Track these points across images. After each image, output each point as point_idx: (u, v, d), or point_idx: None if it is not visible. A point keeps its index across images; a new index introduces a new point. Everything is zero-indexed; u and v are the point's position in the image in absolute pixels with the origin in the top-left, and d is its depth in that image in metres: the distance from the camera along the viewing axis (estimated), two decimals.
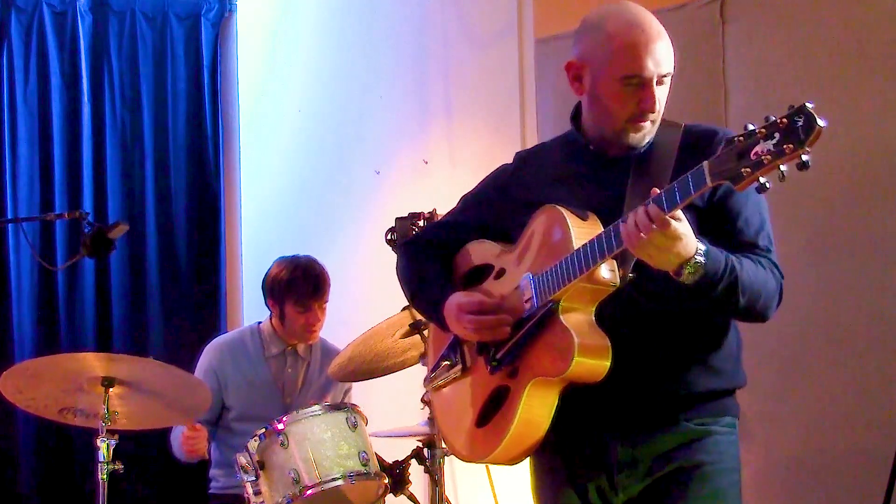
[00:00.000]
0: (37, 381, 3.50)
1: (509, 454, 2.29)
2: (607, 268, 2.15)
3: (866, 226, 3.68)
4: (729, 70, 3.93)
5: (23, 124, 5.47)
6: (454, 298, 2.40)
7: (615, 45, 2.26)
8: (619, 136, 2.32)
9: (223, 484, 4.12)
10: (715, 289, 2.13)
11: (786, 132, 1.87)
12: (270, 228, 5.86)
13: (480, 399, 2.37)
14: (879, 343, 3.63)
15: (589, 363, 2.16)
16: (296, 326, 4.14)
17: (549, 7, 4.61)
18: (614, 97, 2.28)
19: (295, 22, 5.96)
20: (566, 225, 2.22)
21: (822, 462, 3.72)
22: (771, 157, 1.87)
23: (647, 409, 2.28)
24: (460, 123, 5.00)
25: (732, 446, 2.35)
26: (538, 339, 2.25)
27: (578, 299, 2.20)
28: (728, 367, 2.35)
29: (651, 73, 2.24)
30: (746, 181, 1.91)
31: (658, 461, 2.28)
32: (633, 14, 2.29)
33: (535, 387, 2.22)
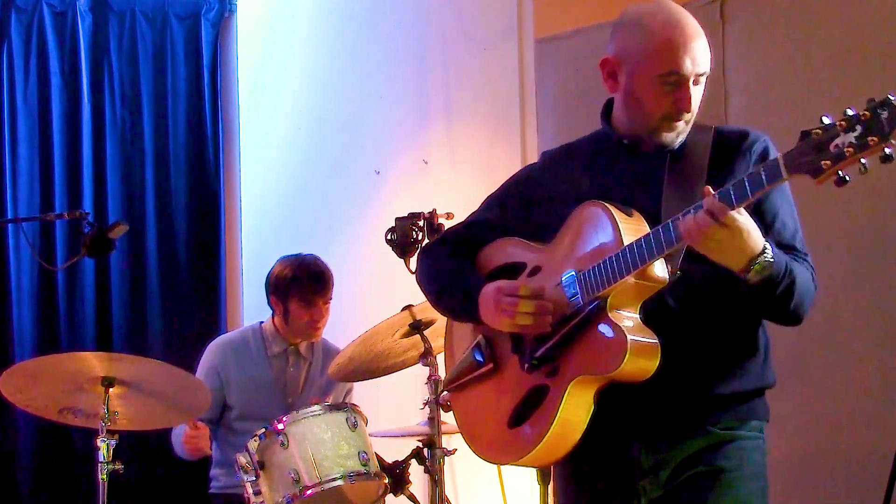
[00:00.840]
0: (37, 380, 3.50)
1: (545, 457, 2.25)
2: (660, 265, 2.12)
3: (866, 225, 3.68)
4: (729, 70, 3.93)
5: (23, 124, 5.47)
6: (493, 284, 2.32)
7: (654, 42, 2.23)
8: (652, 135, 2.29)
9: (224, 484, 4.12)
10: (776, 290, 2.11)
11: (868, 124, 1.84)
12: (270, 228, 5.86)
13: (514, 399, 2.31)
14: (879, 343, 3.63)
15: (639, 362, 2.11)
16: (300, 324, 4.14)
17: (549, 7, 4.61)
18: (651, 95, 2.25)
19: (295, 22, 5.96)
20: (614, 221, 2.17)
21: (822, 462, 3.72)
22: (853, 149, 1.85)
23: (674, 413, 2.24)
24: (460, 123, 5.00)
25: (757, 452, 2.29)
26: (584, 338, 2.19)
27: (626, 297, 2.15)
28: (756, 368, 2.31)
29: (689, 72, 2.22)
30: (827, 174, 1.89)
31: (680, 467, 2.24)
32: (671, 12, 2.27)
33: (577, 385, 2.18)
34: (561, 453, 2.23)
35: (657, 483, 2.25)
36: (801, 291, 2.17)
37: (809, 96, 3.75)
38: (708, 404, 2.25)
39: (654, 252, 2.08)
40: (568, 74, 4.46)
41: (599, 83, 2.41)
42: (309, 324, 4.13)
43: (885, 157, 1.84)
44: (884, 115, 1.83)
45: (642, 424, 2.25)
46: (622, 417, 2.23)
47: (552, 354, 2.24)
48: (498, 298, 2.28)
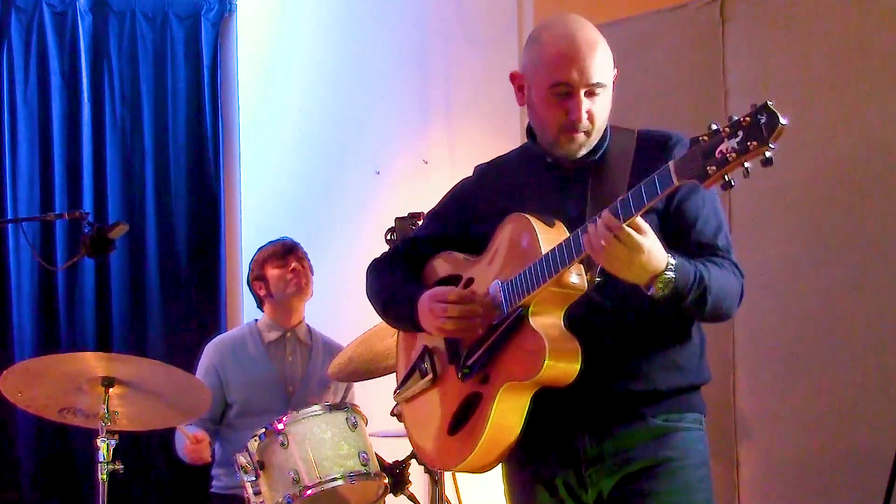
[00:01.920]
0: (37, 380, 3.50)
1: (482, 460, 2.32)
2: (575, 273, 2.19)
3: (866, 226, 3.68)
4: (729, 70, 3.94)
5: (23, 124, 5.47)
6: (427, 292, 2.41)
7: (545, 55, 2.30)
8: (553, 147, 2.36)
9: (224, 483, 4.12)
10: (684, 301, 2.17)
11: (749, 130, 1.90)
12: (270, 228, 5.83)
13: (452, 407, 2.39)
14: (879, 343, 3.63)
15: (560, 366, 2.19)
16: (281, 284, 4.26)
17: (549, 7, 4.60)
18: (544, 107, 2.33)
19: (295, 22, 5.96)
20: (534, 231, 2.25)
21: (822, 462, 3.72)
22: (735, 154, 1.91)
23: (612, 405, 2.31)
24: (460, 123, 5.00)
25: (699, 442, 2.37)
26: (509, 345, 2.27)
27: (548, 304, 2.23)
28: (691, 364, 2.37)
29: (576, 83, 2.27)
30: (712, 179, 1.94)
31: (626, 456, 2.31)
32: (567, 26, 2.32)
33: (507, 392, 2.24)
34: (498, 454, 2.31)
35: (604, 472, 2.31)
36: (718, 295, 2.22)
37: (809, 96, 3.75)
38: (645, 397, 2.32)
39: (566, 261, 2.15)
40: None
41: None
42: (290, 279, 4.24)
43: (766, 160, 1.89)
44: (762, 120, 1.89)
45: (585, 415, 2.31)
46: (565, 409, 2.29)
47: (483, 362, 2.32)
48: (431, 304, 2.37)
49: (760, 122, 1.89)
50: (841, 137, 3.73)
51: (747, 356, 3.93)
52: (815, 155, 3.73)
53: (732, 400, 3.88)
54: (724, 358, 3.85)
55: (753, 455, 3.93)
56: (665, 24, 4.16)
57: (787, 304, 3.85)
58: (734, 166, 1.92)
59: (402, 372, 2.63)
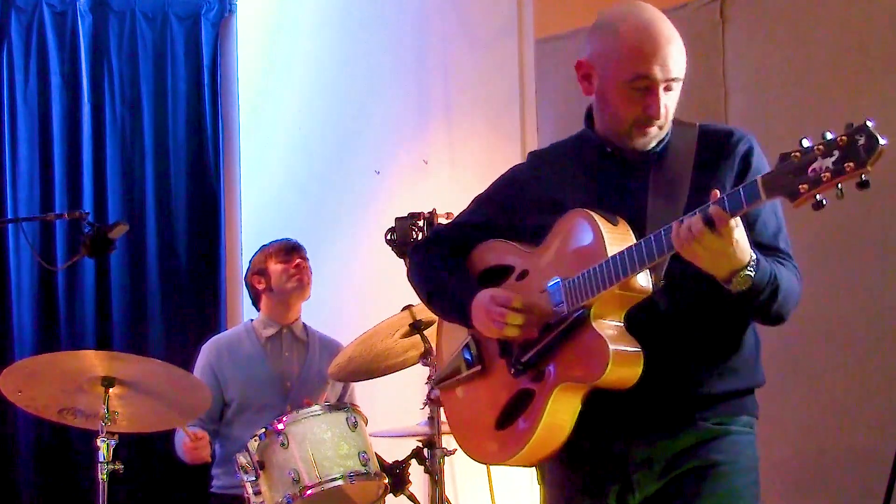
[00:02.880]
0: (36, 380, 3.50)
1: (531, 458, 2.29)
2: (643, 275, 2.14)
3: (866, 226, 3.68)
4: (729, 70, 3.93)
5: (23, 124, 5.47)
6: (487, 291, 2.34)
7: (624, 47, 2.23)
8: (623, 139, 2.31)
9: (224, 483, 4.13)
10: (757, 299, 2.14)
11: (846, 150, 1.85)
12: (270, 228, 5.84)
13: (501, 401, 2.34)
14: (879, 343, 3.63)
15: (622, 371, 2.14)
16: (283, 278, 4.27)
17: (549, 7, 4.61)
18: (621, 100, 2.26)
19: (295, 22, 5.97)
20: (598, 230, 2.19)
21: (822, 462, 3.72)
22: (830, 174, 1.86)
23: (664, 409, 2.27)
24: (460, 123, 5.00)
25: (750, 447, 2.32)
26: (568, 345, 2.23)
27: (610, 306, 2.18)
28: (745, 368, 2.33)
29: (658, 78, 2.22)
30: (803, 197, 1.89)
31: (674, 460, 2.27)
32: (645, 17, 2.26)
33: (562, 392, 2.21)
34: (546, 453, 2.28)
35: (651, 476, 2.27)
36: (785, 297, 2.19)
37: (809, 96, 3.75)
38: (698, 401, 2.28)
39: (637, 264, 2.11)
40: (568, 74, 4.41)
41: None
42: (291, 274, 4.26)
43: (862, 183, 1.86)
44: (860, 141, 1.84)
45: (634, 418, 2.27)
46: (614, 411, 2.25)
47: (537, 360, 2.27)
48: (489, 308, 2.31)
49: (858, 143, 1.83)
50: None
51: None
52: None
53: None
54: None
55: None
56: None
57: None
58: (828, 187, 1.87)
59: (443, 359, 2.58)
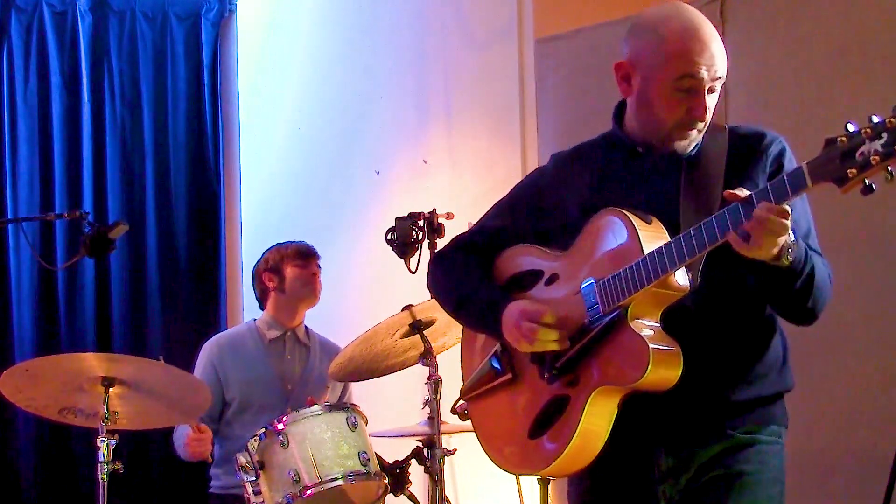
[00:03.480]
0: (37, 380, 3.50)
1: (567, 467, 2.22)
2: (682, 273, 2.10)
3: (866, 226, 3.68)
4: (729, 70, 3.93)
5: (23, 124, 5.47)
6: (517, 304, 2.29)
7: (670, 48, 2.19)
8: (664, 142, 2.26)
9: (224, 483, 4.12)
10: (798, 278, 2.11)
11: (894, 132, 1.82)
12: (270, 228, 5.86)
13: (534, 409, 2.28)
14: (879, 343, 3.63)
15: (662, 371, 2.09)
16: (298, 284, 4.26)
17: (549, 7, 4.61)
18: (665, 102, 2.22)
19: (295, 22, 5.97)
20: (633, 228, 2.14)
21: (822, 462, 3.72)
22: (880, 157, 1.83)
23: (694, 417, 2.23)
24: (460, 123, 5.00)
25: (776, 457, 2.30)
26: (604, 347, 2.17)
27: (646, 305, 2.13)
28: (774, 372, 2.30)
29: (705, 78, 2.19)
30: (852, 182, 1.86)
31: (701, 470, 2.23)
32: (688, 18, 2.22)
33: (598, 396, 2.15)
34: (583, 463, 2.21)
35: (677, 487, 2.24)
36: (820, 284, 2.17)
37: (809, 96, 3.75)
38: (728, 409, 2.24)
39: (680, 260, 2.06)
40: (568, 74, 4.46)
41: (599, 83, 2.41)
42: (307, 279, 4.25)
43: None
44: None
45: (662, 428, 2.23)
46: (642, 421, 2.21)
47: (572, 365, 2.21)
48: (520, 323, 2.25)
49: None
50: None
51: None
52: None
53: None
54: None
55: None
56: None
57: None
58: (877, 170, 1.83)
59: (469, 368, 2.51)
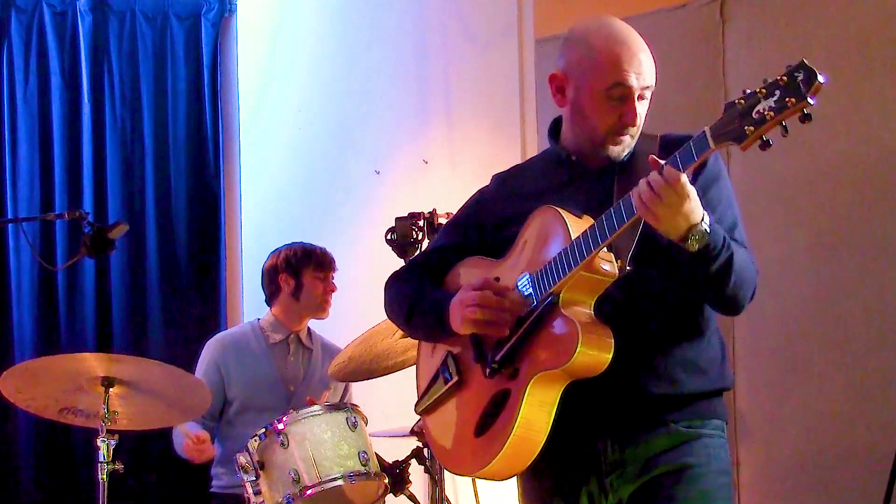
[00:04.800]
0: (37, 381, 3.50)
1: (510, 462, 2.25)
2: (605, 259, 2.17)
3: (866, 226, 3.68)
4: (729, 70, 3.94)
5: (23, 124, 5.47)
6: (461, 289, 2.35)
7: (600, 58, 2.29)
8: (598, 149, 2.35)
9: (224, 483, 4.13)
10: (713, 263, 2.15)
11: (786, 88, 1.92)
12: (270, 228, 5.86)
13: (479, 408, 2.33)
14: (879, 343, 3.63)
15: (592, 353, 2.14)
16: (315, 294, 4.24)
17: (549, 7, 4.61)
18: (597, 109, 2.31)
19: (295, 22, 5.97)
20: (563, 220, 2.23)
21: (822, 462, 3.73)
22: (773, 112, 1.92)
23: (637, 411, 2.29)
24: (460, 123, 5.00)
25: (721, 449, 2.34)
26: (539, 335, 2.23)
27: (579, 291, 2.19)
28: (714, 368, 2.36)
29: (634, 86, 2.28)
30: (751, 139, 1.95)
31: (647, 463, 2.28)
32: (617, 29, 2.33)
33: (537, 384, 2.19)
34: (527, 457, 2.24)
35: (624, 478, 2.29)
36: (740, 272, 2.21)
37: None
38: (670, 402, 2.30)
39: (602, 238, 2.13)
40: None
41: None
42: (324, 293, 4.24)
43: (804, 116, 1.92)
44: (800, 77, 1.92)
45: (607, 420, 2.29)
46: (587, 413, 2.27)
47: (512, 357, 2.27)
48: (463, 295, 2.31)
49: (797, 78, 1.92)
50: (841, 137, 3.73)
51: (747, 356, 3.93)
52: (815, 155, 3.73)
53: (732, 400, 3.88)
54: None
55: (753, 455, 3.93)
56: (665, 23, 4.16)
57: (787, 304, 3.86)
58: (772, 125, 1.92)
59: (422, 384, 2.56)
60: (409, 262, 2.70)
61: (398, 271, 2.67)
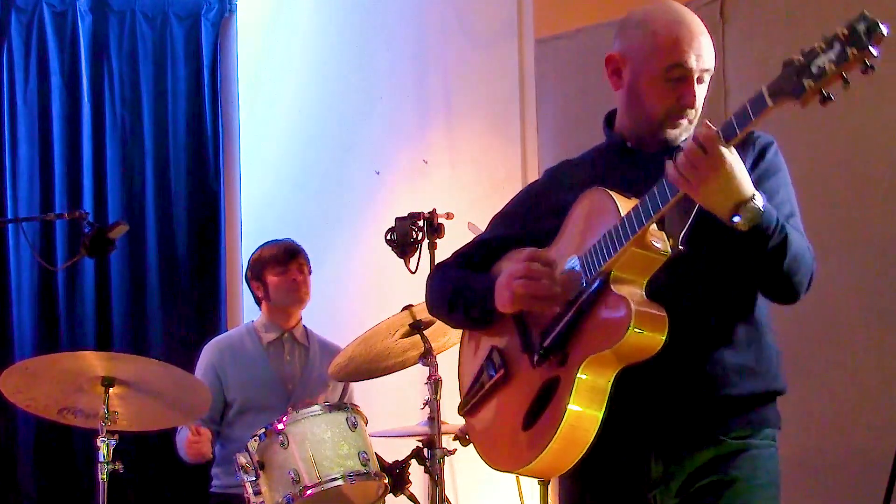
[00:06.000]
0: (36, 380, 3.50)
1: (557, 457, 2.12)
2: (657, 236, 2.08)
3: (866, 226, 3.68)
4: (729, 70, 3.93)
5: (23, 124, 5.47)
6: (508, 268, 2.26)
7: (659, 38, 2.25)
8: (655, 133, 2.28)
9: (224, 483, 4.13)
10: (767, 242, 2.07)
11: (848, 38, 1.85)
12: (270, 228, 5.85)
13: (527, 399, 2.21)
14: (879, 343, 3.63)
15: (646, 334, 2.04)
16: (281, 292, 4.26)
17: (549, 7, 4.61)
18: (654, 91, 2.25)
19: (294, 22, 5.97)
20: (612, 200, 2.14)
21: (822, 462, 3.72)
22: (834, 64, 1.85)
23: (686, 422, 2.21)
24: (460, 123, 5.00)
25: (770, 461, 2.28)
26: (589, 317, 2.13)
27: (630, 270, 2.10)
28: (768, 370, 2.30)
29: (693, 67, 2.23)
30: (810, 93, 1.87)
31: (692, 477, 2.21)
32: (677, 11, 2.29)
33: (588, 368, 2.08)
34: (575, 453, 2.11)
35: (668, 493, 2.21)
36: (796, 254, 2.12)
37: None
38: (720, 408, 2.22)
39: (654, 210, 2.04)
40: (568, 74, 4.46)
41: (600, 83, 2.41)
42: (288, 287, 4.24)
43: (866, 67, 1.84)
44: (861, 27, 1.85)
45: (654, 433, 2.21)
46: (633, 426, 2.19)
47: (561, 342, 2.16)
48: (511, 268, 2.22)
49: (859, 29, 1.85)
50: (841, 137, 3.73)
51: None
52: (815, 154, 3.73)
53: None
54: None
55: None
56: None
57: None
58: (833, 78, 1.85)
59: (465, 383, 2.45)
60: (454, 254, 2.57)
61: (444, 262, 2.57)
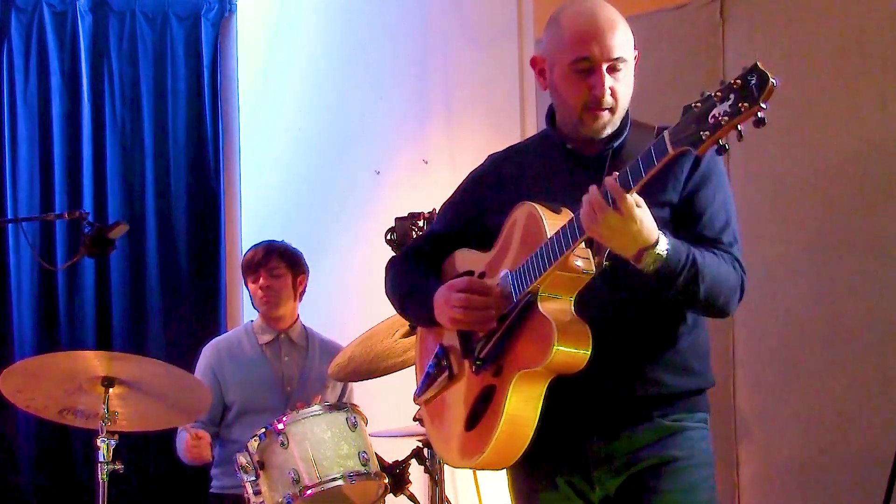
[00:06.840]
0: (36, 380, 3.50)
1: (500, 455, 2.29)
2: (580, 257, 2.19)
3: (866, 226, 3.68)
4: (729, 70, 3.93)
5: (23, 124, 5.47)
6: (444, 285, 2.41)
7: (565, 35, 2.32)
8: (578, 128, 2.35)
9: (224, 483, 4.13)
10: (676, 280, 2.16)
11: (740, 92, 1.91)
12: (270, 228, 5.85)
13: (468, 402, 2.37)
14: (879, 343, 3.63)
15: (570, 351, 2.17)
16: (255, 298, 4.31)
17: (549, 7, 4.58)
18: (567, 85, 2.32)
19: (295, 22, 5.97)
20: (539, 218, 2.24)
21: (822, 462, 3.73)
22: (728, 117, 1.91)
23: (622, 407, 2.32)
24: (460, 123, 5.00)
25: (704, 442, 2.38)
26: (520, 333, 2.26)
27: (556, 289, 2.22)
28: (700, 368, 2.39)
29: (598, 57, 2.28)
30: (706, 144, 1.93)
31: (633, 456, 2.32)
32: (586, 6, 2.35)
33: (521, 381, 2.22)
34: (516, 450, 2.27)
35: (611, 472, 2.32)
36: (713, 283, 2.21)
37: (809, 96, 3.75)
38: (656, 401, 2.33)
39: (569, 241, 2.14)
40: None
41: None
42: (259, 296, 4.26)
43: (758, 120, 1.90)
44: (753, 81, 1.91)
45: (593, 416, 2.32)
46: (573, 411, 2.30)
47: (495, 354, 2.30)
48: (448, 295, 2.36)
49: (751, 83, 1.90)
50: (841, 137, 3.73)
51: (747, 356, 3.93)
52: (815, 155, 3.73)
53: (732, 400, 3.89)
54: (724, 358, 3.85)
55: (753, 455, 3.93)
56: (665, 24, 4.16)
57: (787, 304, 3.85)
58: (727, 130, 1.91)
59: (420, 374, 2.61)
60: (407, 247, 2.74)
61: (398, 255, 2.72)
